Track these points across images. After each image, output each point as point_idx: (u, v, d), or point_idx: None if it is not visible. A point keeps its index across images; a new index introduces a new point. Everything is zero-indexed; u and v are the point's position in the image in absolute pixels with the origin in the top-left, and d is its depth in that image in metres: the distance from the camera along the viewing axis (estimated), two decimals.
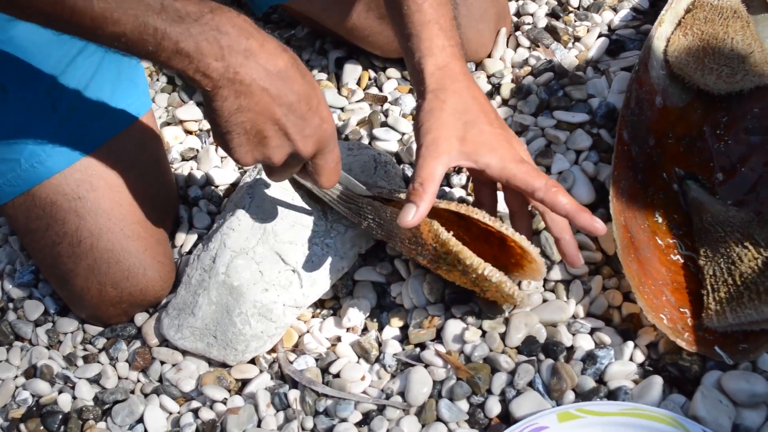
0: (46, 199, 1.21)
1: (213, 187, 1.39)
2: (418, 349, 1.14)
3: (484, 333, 1.12)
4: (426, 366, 1.11)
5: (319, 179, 1.07)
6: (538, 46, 1.43)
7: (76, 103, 1.21)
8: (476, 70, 1.43)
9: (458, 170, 1.29)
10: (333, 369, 1.15)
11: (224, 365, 1.19)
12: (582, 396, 1.04)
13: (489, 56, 1.44)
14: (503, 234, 1.05)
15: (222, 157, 1.43)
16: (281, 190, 1.22)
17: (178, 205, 1.36)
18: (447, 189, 1.28)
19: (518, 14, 1.51)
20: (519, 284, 1.15)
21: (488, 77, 1.42)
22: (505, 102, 1.37)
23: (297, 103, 0.98)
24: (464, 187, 1.27)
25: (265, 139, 1.00)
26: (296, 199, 1.22)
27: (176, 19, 0.91)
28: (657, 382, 1.03)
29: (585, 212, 1.01)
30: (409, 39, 1.12)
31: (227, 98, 0.96)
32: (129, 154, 1.25)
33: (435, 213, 1.07)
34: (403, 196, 1.11)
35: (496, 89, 1.39)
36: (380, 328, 1.19)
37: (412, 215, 1.00)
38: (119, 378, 1.22)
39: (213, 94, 0.96)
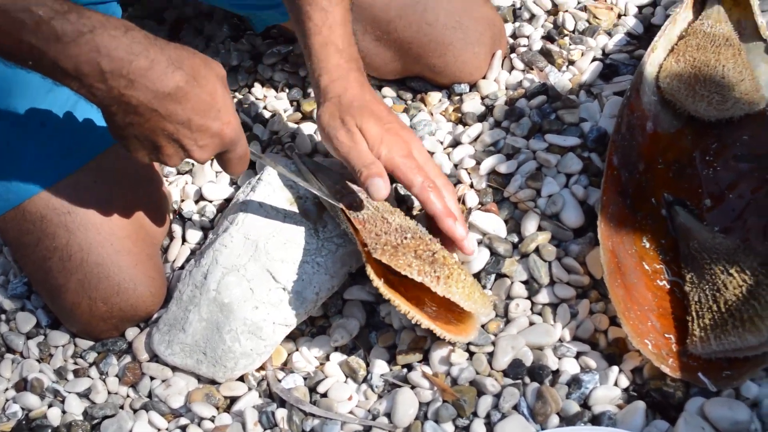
0: (36, 213, 1.22)
1: (207, 202, 1.40)
2: (405, 370, 1.15)
3: (471, 355, 1.13)
4: (412, 387, 1.12)
5: (225, 171, 1.12)
6: (533, 69, 1.44)
7: (65, 118, 1.23)
8: (471, 90, 1.44)
9: None
10: (321, 388, 1.16)
11: (213, 382, 1.20)
12: (566, 420, 1.05)
13: (484, 77, 1.45)
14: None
15: (217, 172, 1.44)
16: (274, 207, 1.23)
17: (170, 220, 1.37)
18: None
19: (514, 36, 1.52)
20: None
21: (482, 98, 1.43)
22: (497, 124, 1.37)
23: (191, 119, 1.00)
24: None
25: (159, 147, 1.03)
26: (288, 218, 1.23)
27: (52, 38, 0.91)
28: (640, 407, 1.03)
29: (450, 217, 1.11)
30: (309, 58, 1.22)
31: (116, 114, 0.98)
32: (119, 169, 1.26)
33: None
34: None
35: (489, 110, 1.40)
36: (368, 348, 1.19)
37: (383, 190, 1.11)
38: (109, 393, 1.23)
39: (102, 108, 0.98)
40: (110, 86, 0.94)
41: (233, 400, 1.19)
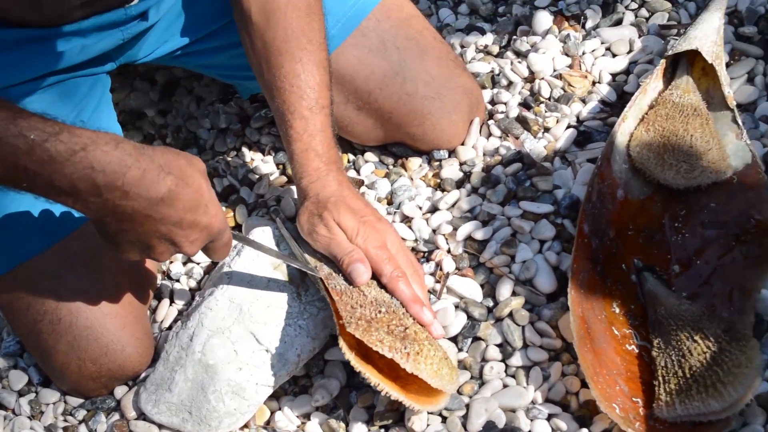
0: (26, 279, 1.27)
1: (195, 264, 1.44)
2: (383, 431, 1.18)
3: (444, 419, 1.17)
4: None
5: (210, 258, 1.18)
6: (509, 136, 1.48)
7: None
8: (450, 156, 1.48)
9: (427, 258, 1.35)
10: None
11: None
12: None
13: (462, 143, 1.49)
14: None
15: None
16: (257, 272, 1.28)
17: (158, 282, 1.41)
18: None
19: (492, 102, 1.56)
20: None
21: (461, 164, 1.47)
22: (474, 190, 1.41)
23: (182, 219, 1.06)
24: (432, 274, 1.32)
25: (151, 247, 1.08)
26: (272, 282, 1.27)
27: (46, 160, 0.94)
28: None
29: (417, 303, 1.17)
30: (291, 161, 1.29)
31: (110, 223, 1.04)
32: None
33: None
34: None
35: (467, 176, 1.44)
36: (348, 408, 1.23)
37: (365, 274, 1.19)
38: None
39: (96, 222, 1.04)
40: (105, 199, 0.99)
41: None
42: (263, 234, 1.33)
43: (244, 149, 1.61)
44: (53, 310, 1.26)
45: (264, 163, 1.57)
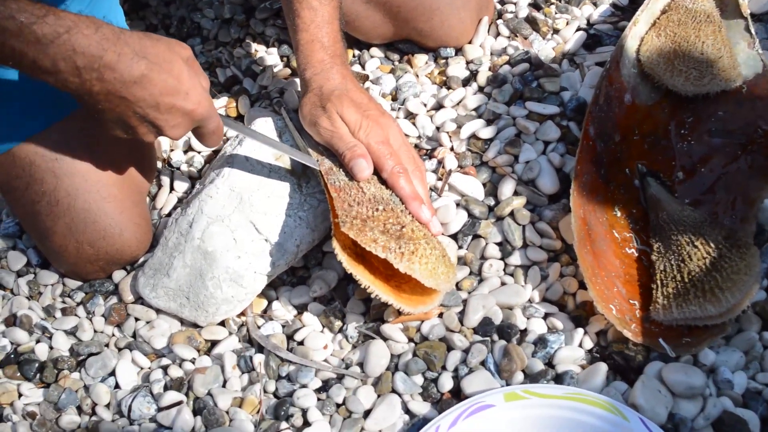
0: (25, 159, 1.26)
1: (195, 153, 1.43)
2: (378, 323, 1.19)
3: (441, 314, 1.18)
4: (385, 340, 1.16)
5: (201, 143, 1.21)
6: (518, 36, 1.46)
7: None
8: (456, 55, 1.47)
9: (429, 156, 1.34)
10: (298, 336, 1.20)
11: (195, 325, 1.25)
12: (530, 377, 1.10)
13: (470, 42, 1.48)
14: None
15: None
16: (260, 162, 1.27)
17: (157, 169, 1.41)
18: None
19: (502, 2, 1.54)
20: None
21: (467, 63, 1.46)
22: (481, 89, 1.41)
23: (159, 102, 1.08)
24: (435, 171, 1.32)
25: (133, 128, 1.12)
26: (273, 172, 1.27)
27: (32, 41, 0.99)
28: (602, 369, 1.08)
29: (417, 200, 1.17)
30: (296, 52, 1.29)
31: (89, 103, 1.07)
32: None
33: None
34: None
35: (473, 76, 1.43)
36: (345, 300, 1.24)
37: (366, 170, 1.18)
38: (95, 331, 1.27)
39: (78, 99, 1.07)
40: (83, 79, 1.03)
41: (214, 343, 1.24)
42: (265, 124, 1.32)
43: (248, 40, 1.59)
44: (51, 192, 1.26)
45: (268, 55, 1.56)
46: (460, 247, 1.24)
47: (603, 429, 1.00)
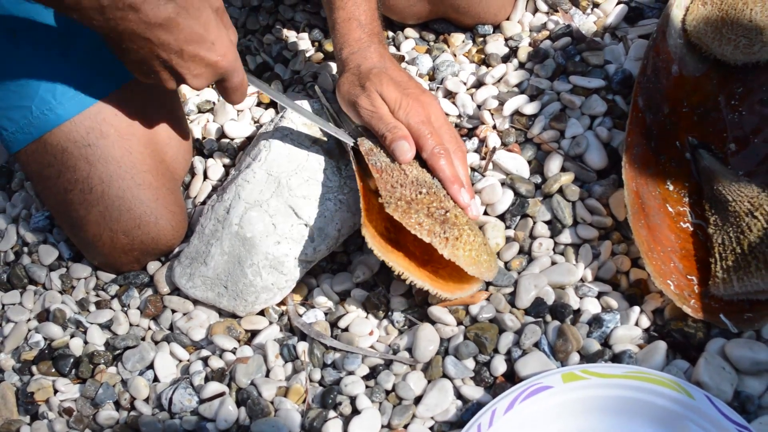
0: (57, 146, 1.22)
1: (228, 140, 1.40)
2: (425, 307, 1.15)
3: (489, 297, 1.14)
4: (433, 323, 1.12)
5: (224, 99, 1.20)
6: (557, 11, 1.43)
7: (87, 49, 1.22)
8: (494, 32, 1.44)
9: (470, 135, 1.30)
10: (342, 323, 1.17)
11: (234, 316, 1.21)
12: (587, 358, 1.06)
13: (508, 19, 1.44)
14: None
15: (238, 111, 1.44)
16: (297, 145, 1.23)
17: (192, 156, 1.37)
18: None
19: None
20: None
21: (506, 40, 1.42)
22: (522, 65, 1.37)
23: (183, 49, 1.06)
24: (477, 151, 1.28)
25: (156, 72, 1.10)
26: (311, 156, 1.23)
27: None
28: (661, 347, 1.04)
29: (456, 183, 1.13)
30: (333, 31, 1.27)
31: (114, 42, 1.06)
32: (140, 102, 1.26)
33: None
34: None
35: (513, 52, 1.39)
36: (389, 284, 1.20)
37: (409, 152, 1.14)
38: (130, 325, 1.24)
39: (102, 37, 1.06)
40: (107, 18, 1.01)
41: (254, 333, 1.20)
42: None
43: (278, 26, 1.56)
44: (84, 179, 1.22)
45: (300, 40, 1.53)
46: (508, 227, 1.20)
47: (668, 408, 0.96)
